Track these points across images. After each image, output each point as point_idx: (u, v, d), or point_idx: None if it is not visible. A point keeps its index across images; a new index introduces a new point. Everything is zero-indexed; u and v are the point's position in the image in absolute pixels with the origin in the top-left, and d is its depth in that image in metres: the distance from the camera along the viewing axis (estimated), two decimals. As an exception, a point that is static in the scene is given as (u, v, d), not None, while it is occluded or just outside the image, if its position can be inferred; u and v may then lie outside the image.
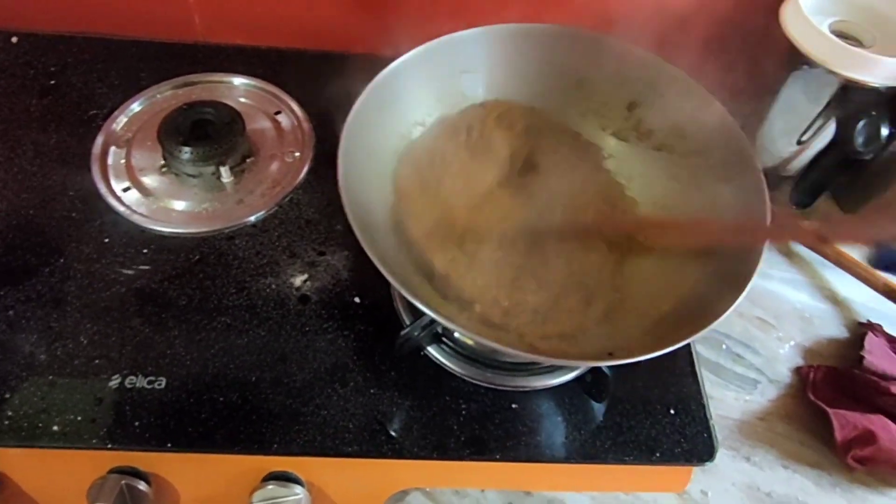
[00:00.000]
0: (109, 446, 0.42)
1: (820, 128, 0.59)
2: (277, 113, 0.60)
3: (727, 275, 0.38)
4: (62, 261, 0.49)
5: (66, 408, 0.43)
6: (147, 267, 0.50)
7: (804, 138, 0.61)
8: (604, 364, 0.36)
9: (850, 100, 0.55)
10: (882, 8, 0.58)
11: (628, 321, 0.42)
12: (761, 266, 0.37)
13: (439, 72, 0.46)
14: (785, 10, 0.58)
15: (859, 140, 0.53)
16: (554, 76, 0.48)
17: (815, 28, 0.55)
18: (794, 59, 0.56)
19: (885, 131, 0.53)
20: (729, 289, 0.37)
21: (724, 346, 0.59)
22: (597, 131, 0.49)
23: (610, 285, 0.46)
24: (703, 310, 0.37)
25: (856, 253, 0.63)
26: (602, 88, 0.48)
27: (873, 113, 0.53)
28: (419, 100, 0.47)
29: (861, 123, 0.53)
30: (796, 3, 0.56)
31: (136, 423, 0.42)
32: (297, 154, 0.57)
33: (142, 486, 0.42)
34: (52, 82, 0.60)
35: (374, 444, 0.43)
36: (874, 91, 0.54)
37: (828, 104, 0.57)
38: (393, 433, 0.44)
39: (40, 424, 0.42)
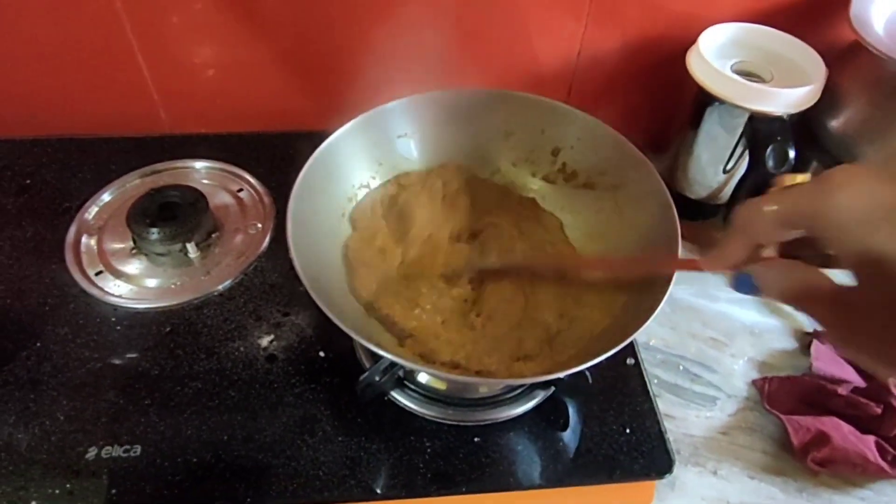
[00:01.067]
0: (88, 516, 0.43)
1: (740, 156, 0.64)
2: (239, 190, 0.64)
3: (648, 296, 0.41)
4: (38, 344, 0.52)
5: (45, 483, 0.44)
6: (120, 342, 0.52)
7: (728, 167, 0.66)
8: (547, 378, 0.38)
9: (758, 129, 0.60)
10: (776, 48, 0.65)
11: (569, 344, 0.45)
12: (672, 287, 0.40)
13: (376, 138, 0.51)
14: (690, 57, 0.64)
15: (770, 164, 0.58)
16: (482, 132, 0.53)
17: (719, 71, 0.61)
18: (707, 98, 0.62)
19: (791, 154, 0.58)
20: (650, 306, 0.40)
21: (681, 367, 0.62)
22: (528, 177, 0.54)
23: (557, 314, 0.49)
24: (629, 326, 0.40)
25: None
26: (527, 139, 0.53)
27: (779, 139, 0.58)
28: (361, 164, 0.52)
29: (770, 149, 0.58)
30: (699, 51, 0.63)
31: (114, 491, 0.44)
32: (259, 225, 0.61)
33: (120, 553, 0.43)
34: (28, 181, 0.64)
35: (345, 489, 0.45)
36: (778, 119, 0.60)
37: (741, 135, 0.62)
38: (361, 476, 0.46)
39: (18, 501, 0.43)
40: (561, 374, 0.37)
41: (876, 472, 0.53)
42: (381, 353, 0.37)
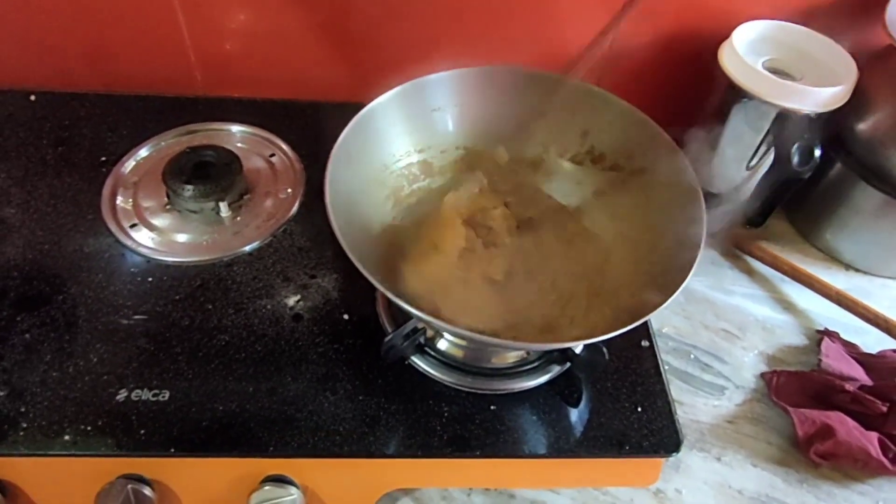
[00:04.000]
0: (117, 453, 0.45)
1: (764, 153, 0.65)
2: (272, 156, 0.66)
3: (670, 275, 0.42)
4: (74, 290, 0.53)
5: (77, 419, 0.46)
6: (152, 293, 0.54)
7: (752, 164, 0.67)
8: (568, 345, 0.40)
9: (785, 126, 0.61)
10: (807, 47, 0.65)
11: (594, 316, 0.47)
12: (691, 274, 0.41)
13: (412, 110, 0.52)
14: (723, 52, 0.65)
15: (795, 161, 0.59)
16: (515, 111, 0.54)
17: (750, 66, 0.62)
18: (736, 93, 0.63)
19: (817, 152, 0.59)
20: (674, 284, 0.41)
21: (692, 357, 0.63)
22: (555, 157, 0.55)
23: (588, 279, 0.51)
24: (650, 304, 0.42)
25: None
26: (558, 120, 0.54)
27: (805, 136, 0.59)
28: (395, 134, 0.53)
29: (795, 146, 0.59)
30: (732, 46, 0.63)
31: (142, 432, 0.46)
32: (290, 190, 0.63)
33: (147, 490, 0.45)
34: (66, 134, 0.66)
35: (363, 445, 0.47)
36: (806, 117, 0.61)
37: (767, 131, 0.63)
38: (380, 434, 0.47)
39: (53, 435, 0.45)
40: (582, 342, 0.38)
41: (877, 467, 0.54)
42: (414, 311, 0.39)
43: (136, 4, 0.66)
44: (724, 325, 0.66)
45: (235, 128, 0.68)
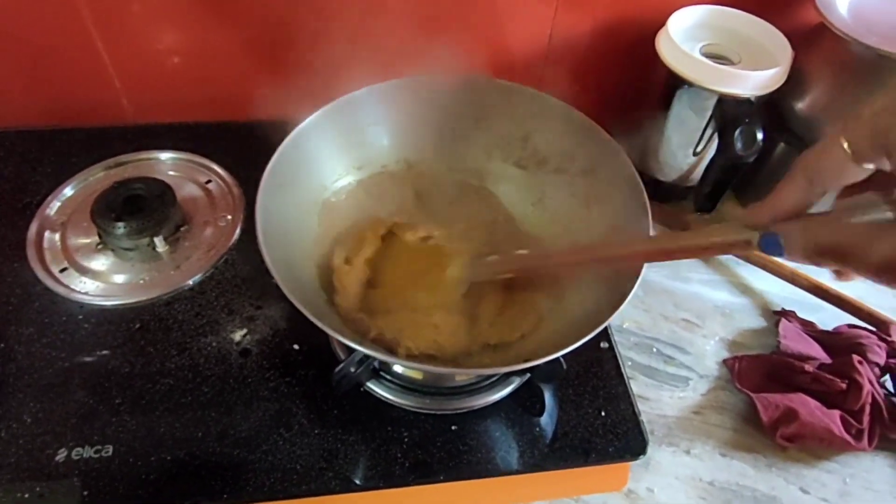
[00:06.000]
0: (59, 519, 0.42)
1: (709, 138, 0.65)
2: (208, 182, 0.63)
3: (621, 279, 0.41)
4: (2, 345, 0.50)
5: (14, 486, 0.43)
6: (88, 341, 0.51)
7: (698, 149, 0.67)
8: (519, 367, 0.39)
9: (726, 111, 0.61)
10: (744, 30, 0.65)
11: (542, 333, 0.46)
12: (643, 274, 0.40)
13: (346, 127, 0.50)
14: (660, 40, 0.64)
15: (738, 146, 0.59)
16: (453, 119, 0.52)
17: (688, 53, 0.61)
18: (676, 81, 0.63)
19: (759, 136, 0.59)
20: (624, 290, 0.40)
21: (654, 350, 0.63)
22: (499, 162, 0.54)
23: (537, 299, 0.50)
24: (604, 310, 0.41)
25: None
26: (498, 125, 0.53)
27: (747, 121, 0.59)
28: (332, 154, 0.51)
29: (738, 131, 0.59)
30: (668, 34, 0.63)
31: (86, 493, 0.43)
32: (230, 217, 0.60)
33: (95, 555, 0.43)
34: (-15, 176, 0.62)
35: (323, 482, 0.45)
36: (746, 101, 0.61)
37: (710, 117, 0.63)
38: (339, 468, 0.46)
39: (-13, 506, 0.42)
40: (538, 362, 0.37)
41: (841, 445, 0.55)
42: (357, 347, 0.37)
43: (48, 35, 0.62)
44: (684, 315, 0.66)
45: (166, 155, 0.65)
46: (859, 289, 0.66)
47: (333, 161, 0.51)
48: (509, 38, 0.69)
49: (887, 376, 0.59)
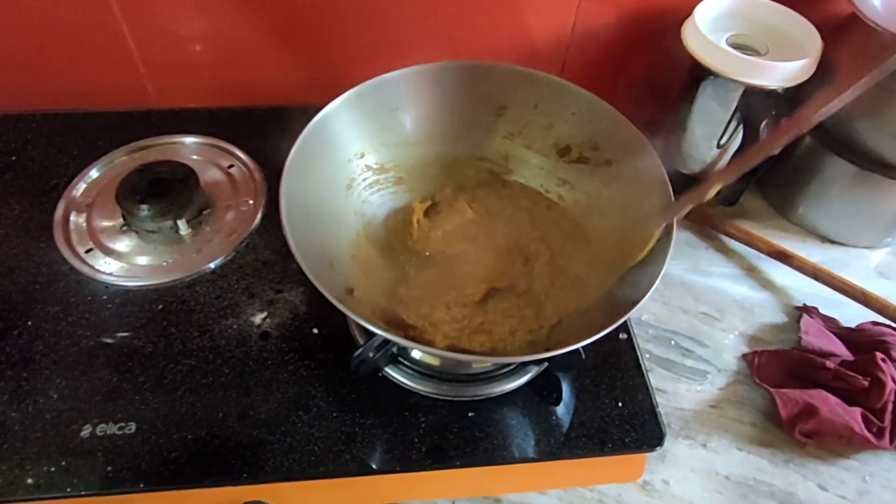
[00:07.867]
0: (83, 493, 0.43)
1: (734, 131, 0.64)
2: (230, 167, 0.64)
3: (641, 275, 0.41)
4: (29, 323, 0.51)
5: (40, 461, 0.44)
6: (112, 320, 0.52)
7: (722, 142, 0.66)
8: (540, 356, 0.39)
9: (752, 103, 0.60)
10: (772, 21, 0.64)
11: (567, 324, 0.46)
12: (669, 261, 0.40)
13: (369, 111, 0.50)
14: (685, 30, 0.63)
15: (763, 138, 0.58)
16: (476, 105, 0.52)
17: (714, 44, 0.60)
18: (701, 72, 0.62)
19: (785, 128, 0.58)
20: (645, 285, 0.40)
21: (672, 343, 0.62)
22: (521, 150, 0.54)
23: (551, 286, 0.49)
24: (626, 301, 0.40)
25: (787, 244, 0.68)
26: (521, 112, 0.52)
27: (773, 113, 0.58)
28: (354, 138, 0.51)
29: (764, 123, 0.58)
30: (694, 24, 0.62)
31: (109, 468, 0.44)
32: (251, 202, 0.61)
33: (117, 529, 0.44)
34: (13, 158, 0.63)
35: (340, 464, 0.46)
36: (773, 93, 0.60)
37: (735, 109, 0.62)
38: (356, 451, 0.46)
39: (14, 479, 0.43)
40: (560, 352, 0.37)
41: (861, 443, 0.54)
42: (377, 330, 0.37)
43: (75, 19, 0.63)
44: (703, 308, 0.65)
45: (190, 140, 0.65)
46: (884, 286, 0.65)
47: (357, 145, 0.51)
48: (532, 26, 0.68)
49: (910, 374, 0.58)
